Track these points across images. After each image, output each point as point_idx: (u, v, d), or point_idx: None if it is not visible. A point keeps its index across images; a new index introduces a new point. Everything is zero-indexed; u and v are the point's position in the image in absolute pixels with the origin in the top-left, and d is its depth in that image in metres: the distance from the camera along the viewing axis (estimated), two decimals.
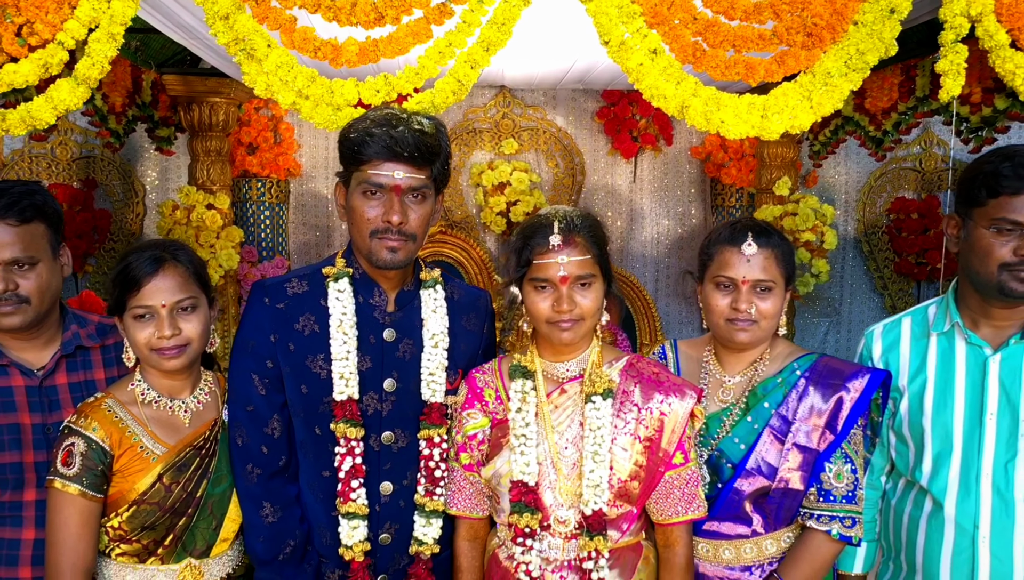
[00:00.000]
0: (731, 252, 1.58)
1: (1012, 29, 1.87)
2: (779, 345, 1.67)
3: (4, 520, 1.54)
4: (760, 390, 1.60)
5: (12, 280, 1.51)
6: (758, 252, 1.56)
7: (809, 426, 1.54)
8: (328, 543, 1.53)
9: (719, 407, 1.63)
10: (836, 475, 1.54)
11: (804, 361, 1.62)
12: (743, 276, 1.56)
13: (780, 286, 1.59)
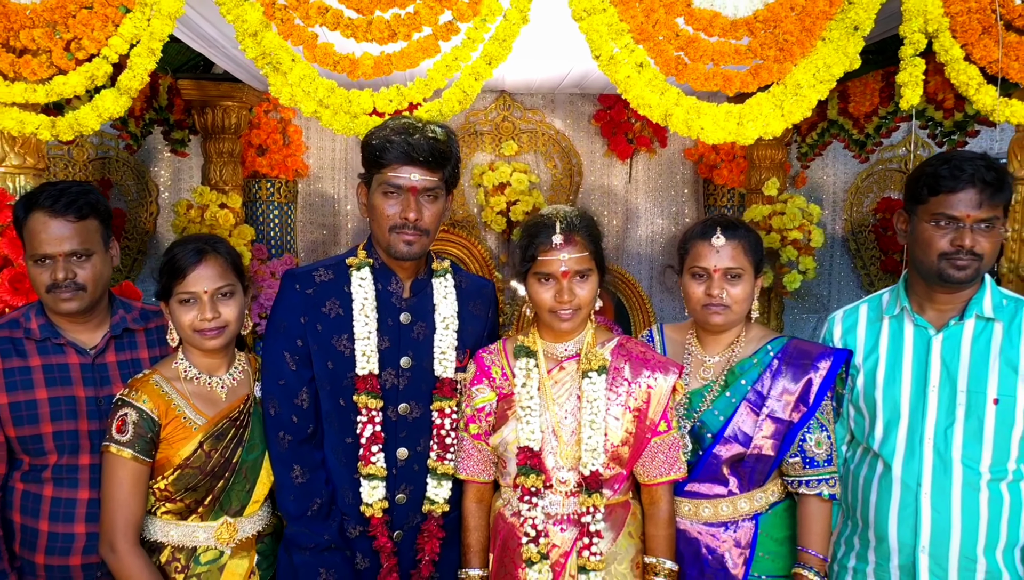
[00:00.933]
0: (703, 245, 1.80)
1: (965, 44, 2.09)
2: (753, 329, 1.89)
3: (62, 482, 1.75)
4: (738, 369, 1.82)
5: (71, 270, 1.73)
6: (726, 244, 1.78)
7: (783, 401, 1.76)
8: (351, 502, 1.74)
9: (700, 384, 1.85)
10: (816, 443, 1.76)
11: (776, 343, 1.84)
12: (714, 265, 1.78)
13: (749, 273, 1.81)
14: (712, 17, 2.03)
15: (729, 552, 1.78)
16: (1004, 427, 1.65)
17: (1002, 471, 1.66)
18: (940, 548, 1.68)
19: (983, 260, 1.67)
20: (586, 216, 1.76)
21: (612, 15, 2.00)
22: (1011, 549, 1.68)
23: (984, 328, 1.71)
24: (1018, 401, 1.64)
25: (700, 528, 1.80)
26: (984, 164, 1.65)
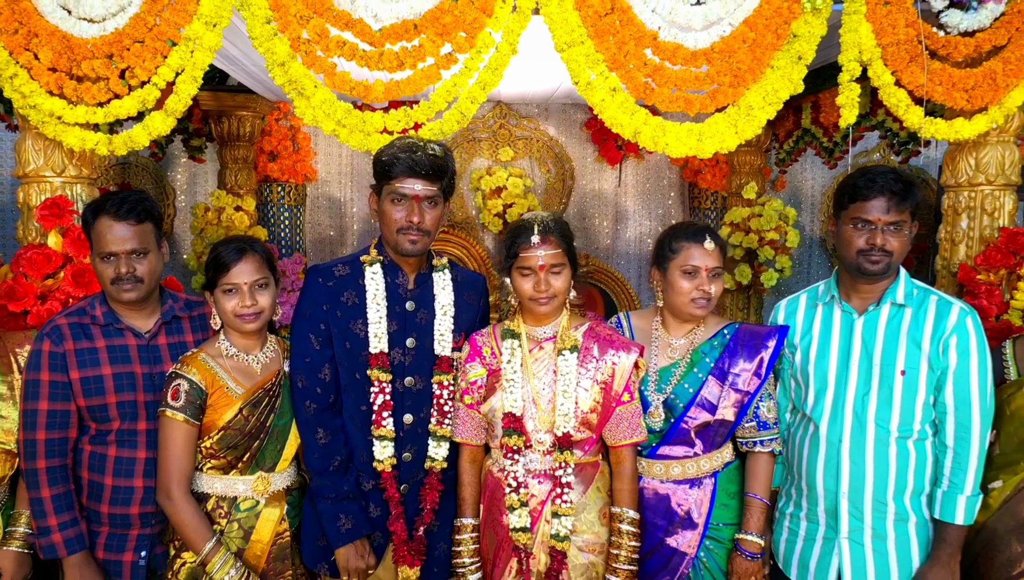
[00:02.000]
0: (696, 247, 2.13)
1: (895, 71, 2.46)
2: (714, 319, 2.26)
3: (123, 443, 2.12)
4: (702, 349, 2.17)
5: (131, 265, 2.10)
6: (716, 248, 2.14)
7: (742, 375, 2.12)
8: (365, 460, 2.11)
9: (668, 362, 2.20)
10: (767, 410, 2.14)
11: (730, 328, 2.21)
12: (705, 265, 2.13)
13: (723, 273, 2.17)
14: (675, 48, 2.40)
15: (694, 504, 2.14)
16: (909, 394, 2.02)
17: (908, 431, 2.02)
18: (857, 494, 2.05)
19: (893, 256, 2.03)
20: (560, 220, 2.12)
21: (589, 47, 2.38)
22: (917, 495, 2.04)
23: (897, 313, 2.07)
24: (920, 373, 2.01)
25: (671, 486, 2.16)
26: (893, 177, 2.02)
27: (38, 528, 2.06)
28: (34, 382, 2.07)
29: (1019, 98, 2.49)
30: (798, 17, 2.40)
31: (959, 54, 2.48)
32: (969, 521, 1.98)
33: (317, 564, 2.15)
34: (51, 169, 2.51)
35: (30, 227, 2.52)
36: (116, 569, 2.13)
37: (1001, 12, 2.46)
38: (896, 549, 2.05)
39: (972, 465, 1.97)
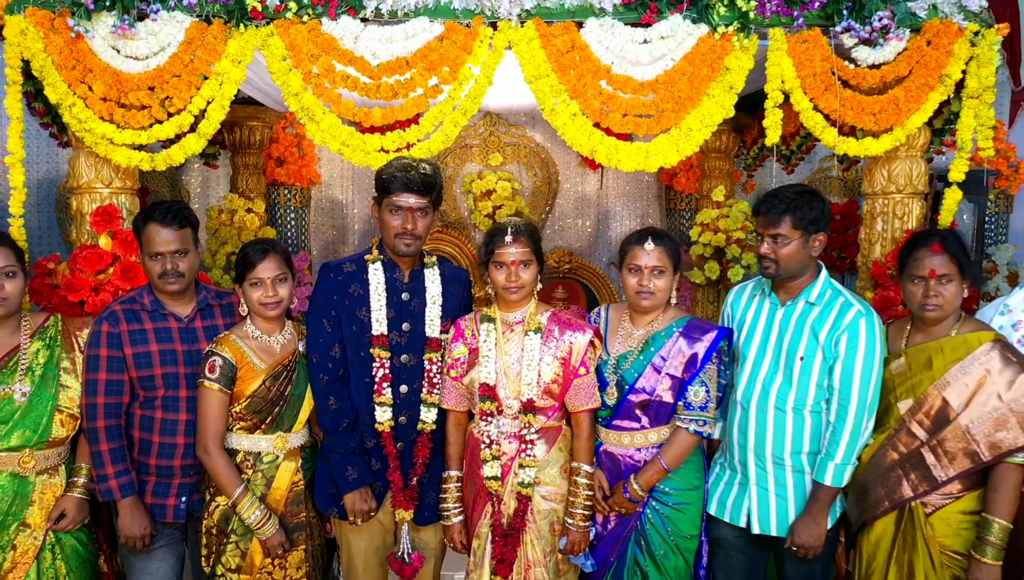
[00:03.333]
0: (638, 248, 2.63)
1: (813, 98, 2.99)
2: (670, 311, 2.72)
3: (168, 407, 2.64)
4: (651, 340, 2.66)
5: (175, 263, 2.62)
6: (655, 249, 2.63)
7: (677, 362, 2.61)
8: (368, 423, 2.64)
9: (627, 349, 2.69)
10: (694, 394, 2.58)
11: (681, 322, 2.68)
12: (645, 264, 2.63)
13: (669, 270, 2.64)
14: (626, 80, 2.92)
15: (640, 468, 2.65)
16: (805, 376, 2.52)
17: (803, 404, 2.52)
18: (760, 450, 2.57)
19: (780, 263, 2.52)
20: (530, 224, 2.64)
21: (553, 79, 2.90)
22: (812, 455, 2.55)
23: (808, 309, 2.56)
24: (815, 360, 2.50)
25: (622, 451, 2.66)
26: (777, 196, 2.51)
27: (98, 476, 2.59)
28: (95, 357, 2.60)
29: (919, 120, 3.01)
30: (730, 53, 2.92)
31: (867, 84, 3.00)
32: (837, 484, 2.48)
33: (328, 508, 2.69)
34: (101, 182, 3.04)
35: (83, 230, 3.05)
36: (161, 512, 2.66)
37: (903, 48, 2.98)
38: (794, 495, 2.57)
39: (844, 439, 2.46)
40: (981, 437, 2.35)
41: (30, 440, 2.51)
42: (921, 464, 2.42)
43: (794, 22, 2.94)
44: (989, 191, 5.52)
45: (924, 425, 2.43)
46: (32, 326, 2.62)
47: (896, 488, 2.45)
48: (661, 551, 2.62)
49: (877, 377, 2.48)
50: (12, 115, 2.91)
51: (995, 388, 2.35)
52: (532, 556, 2.56)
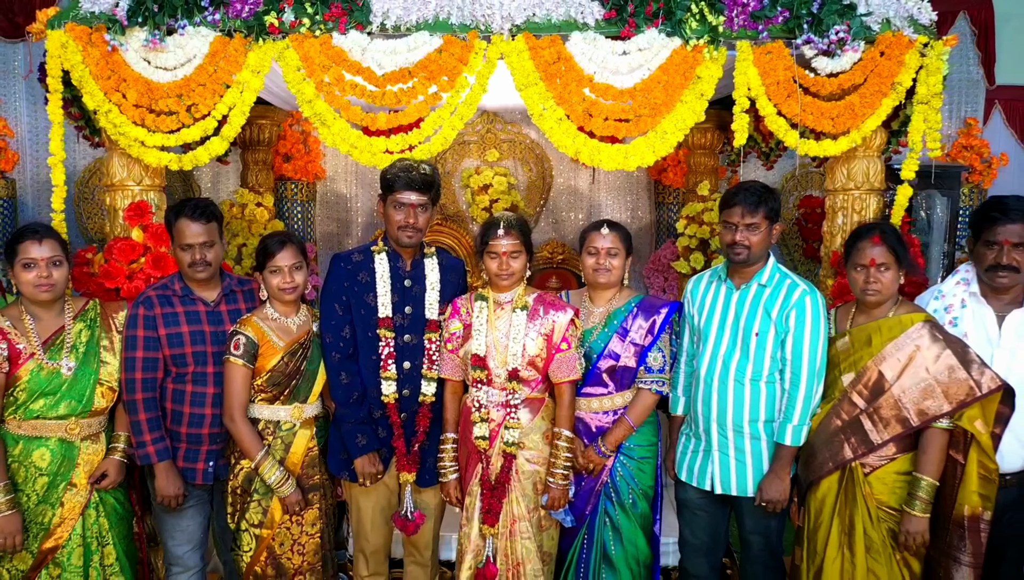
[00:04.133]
0: (595, 234, 3.05)
1: (776, 104, 3.35)
2: (625, 291, 3.14)
3: (197, 382, 3.03)
4: (612, 316, 3.07)
5: (203, 253, 3.00)
6: (609, 234, 3.04)
7: (639, 332, 3.02)
8: (375, 395, 3.02)
9: (591, 325, 3.10)
10: (653, 359, 3.02)
11: (636, 299, 3.10)
12: (601, 246, 3.03)
13: (622, 254, 3.06)
14: (607, 88, 3.29)
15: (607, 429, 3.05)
16: (760, 350, 2.91)
17: (759, 376, 2.91)
18: (722, 420, 2.95)
19: (752, 249, 2.92)
20: (520, 219, 3.02)
21: (541, 88, 3.28)
22: (768, 423, 2.93)
23: (760, 291, 2.96)
24: (769, 335, 2.89)
25: (591, 415, 3.07)
26: (748, 191, 2.91)
27: (136, 443, 2.98)
28: (133, 337, 2.98)
29: (873, 124, 3.38)
30: (701, 64, 3.29)
31: (826, 91, 3.36)
32: (795, 443, 2.88)
33: (340, 472, 3.07)
34: (132, 180, 3.42)
35: (116, 224, 3.43)
36: (191, 475, 3.05)
37: (859, 58, 3.34)
38: (752, 460, 2.96)
39: (799, 402, 2.86)
40: (911, 405, 2.74)
41: (75, 409, 2.90)
42: (860, 430, 2.81)
43: (759, 35, 3.31)
44: (962, 186, 5.88)
45: (863, 395, 2.81)
46: (74, 309, 3.00)
47: (839, 451, 2.84)
48: (630, 500, 3.04)
49: (823, 346, 2.88)
50: (54, 120, 3.30)
51: (924, 362, 2.73)
52: (517, 511, 2.96)
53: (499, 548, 2.97)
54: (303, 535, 3.02)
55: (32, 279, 2.80)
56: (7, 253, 2.84)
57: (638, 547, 3.12)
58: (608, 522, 3.09)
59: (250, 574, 3.01)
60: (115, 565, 2.99)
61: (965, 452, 2.74)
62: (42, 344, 2.85)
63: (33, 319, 2.88)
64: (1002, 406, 2.73)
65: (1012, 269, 2.77)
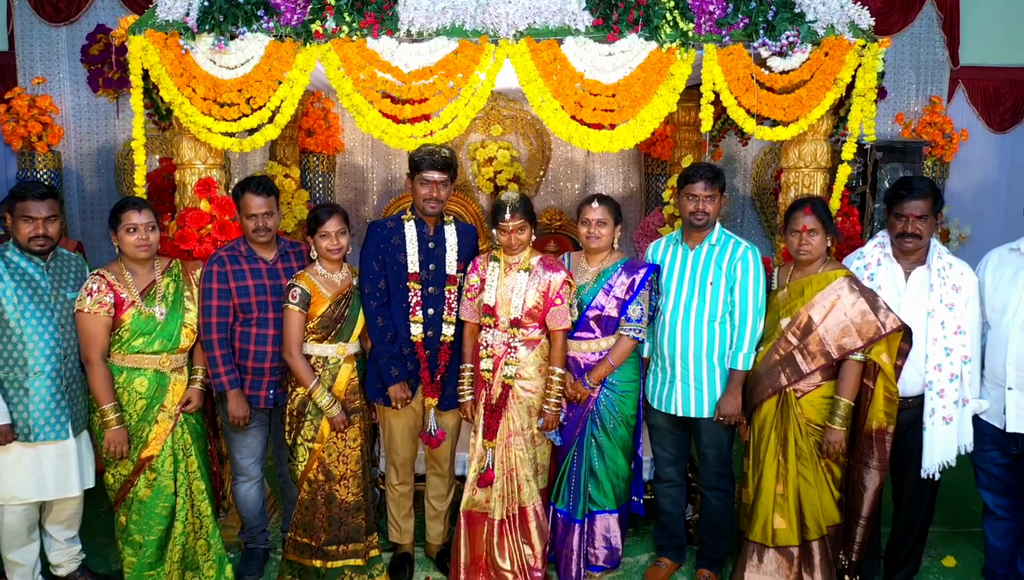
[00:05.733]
0: (587, 207, 3.88)
1: (737, 97, 4.15)
2: (614, 254, 3.97)
3: (260, 325, 3.87)
4: (601, 274, 3.91)
5: (264, 222, 3.84)
6: (599, 207, 3.86)
7: (621, 288, 3.86)
8: (405, 336, 3.87)
9: (584, 281, 3.93)
10: (632, 310, 3.86)
11: (622, 261, 3.93)
12: (592, 217, 3.86)
13: (611, 223, 3.88)
14: (595, 83, 4.09)
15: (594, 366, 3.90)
16: (714, 296, 3.75)
17: (713, 317, 3.76)
18: (684, 354, 3.80)
19: (709, 215, 3.75)
20: (524, 198, 3.84)
21: (540, 83, 4.08)
22: (721, 356, 3.79)
23: (711, 250, 3.79)
24: (720, 284, 3.73)
25: (581, 355, 3.92)
26: (706, 169, 3.73)
27: (212, 374, 3.83)
28: (208, 290, 3.82)
29: (818, 113, 4.18)
30: (673, 63, 4.09)
31: (779, 85, 4.16)
32: (745, 367, 3.74)
33: (376, 398, 3.93)
34: (199, 160, 4.23)
35: (186, 197, 4.25)
36: (255, 400, 3.91)
37: (807, 58, 4.13)
38: (707, 388, 3.82)
39: (747, 335, 3.72)
40: (832, 342, 3.59)
41: (166, 346, 3.74)
42: (793, 362, 3.66)
43: (723, 39, 4.09)
44: (924, 159, 6.69)
45: (796, 335, 3.66)
46: (162, 267, 3.84)
47: (777, 379, 3.69)
48: (611, 425, 3.90)
49: (763, 290, 3.74)
50: (136, 111, 4.10)
51: (843, 308, 3.58)
52: (513, 428, 3.83)
53: (497, 457, 3.85)
54: (347, 448, 3.89)
55: (134, 241, 3.63)
56: (111, 220, 3.67)
57: (618, 464, 4.00)
58: (594, 443, 3.96)
59: (304, 480, 3.89)
60: (197, 471, 3.86)
61: (874, 379, 3.60)
62: (139, 294, 3.69)
63: (131, 274, 3.71)
64: (903, 343, 3.58)
65: (915, 236, 3.60)
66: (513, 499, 3.91)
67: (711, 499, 4.02)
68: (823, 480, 3.70)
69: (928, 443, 3.60)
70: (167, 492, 3.77)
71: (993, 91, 7.00)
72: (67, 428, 3.62)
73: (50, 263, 3.65)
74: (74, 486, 3.70)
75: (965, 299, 3.57)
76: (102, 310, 3.58)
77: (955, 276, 3.59)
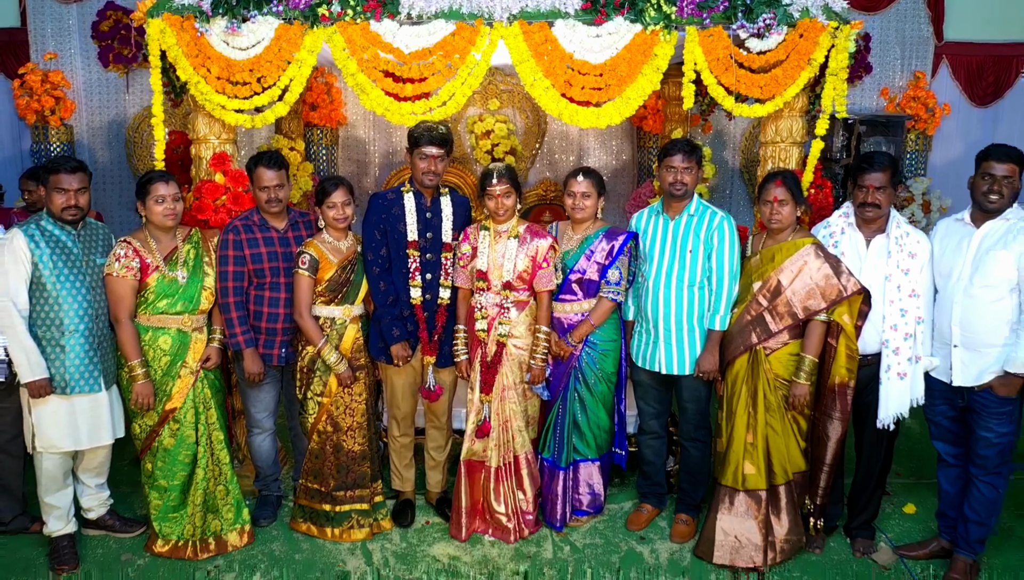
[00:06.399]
0: (573, 180, 4.27)
1: (717, 76, 4.51)
2: (597, 222, 4.36)
3: (273, 289, 4.27)
4: (585, 241, 4.30)
5: (276, 193, 4.22)
6: (583, 180, 4.25)
7: (601, 254, 4.24)
8: (405, 299, 4.27)
9: (569, 247, 4.32)
10: (612, 274, 4.25)
11: (604, 229, 4.32)
12: (577, 190, 4.24)
13: (594, 195, 4.27)
14: (584, 63, 4.45)
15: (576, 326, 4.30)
16: (693, 263, 4.14)
17: (693, 282, 4.15)
18: (667, 316, 4.20)
19: (688, 186, 4.13)
20: (509, 168, 4.23)
21: (532, 63, 4.44)
22: (700, 317, 4.19)
23: (690, 220, 4.18)
24: (699, 251, 4.11)
25: (565, 315, 4.32)
26: (684, 143, 4.11)
27: (229, 334, 4.24)
28: (224, 256, 4.22)
29: (793, 91, 4.53)
30: (657, 44, 4.44)
31: (756, 65, 4.52)
32: (722, 327, 4.14)
33: (379, 357, 4.35)
34: (213, 135, 4.61)
35: (201, 169, 4.63)
36: (268, 358, 4.32)
37: (783, 39, 4.48)
38: (688, 346, 4.23)
39: (723, 298, 4.12)
40: (798, 303, 3.98)
41: (188, 307, 4.14)
42: (763, 322, 4.06)
43: (703, 21, 4.44)
44: (907, 132, 7.05)
45: (766, 297, 4.06)
46: (183, 234, 4.23)
47: (748, 338, 4.09)
48: (592, 381, 4.32)
49: (737, 256, 4.14)
50: (155, 89, 4.46)
51: (809, 272, 3.97)
52: (507, 383, 4.26)
53: (493, 410, 4.27)
54: (353, 402, 4.31)
55: (162, 210, 4.02)
56: (139, 191, 4.05)
57: (599, 417, 4.42)
58: (576, 397, 4.37)
59: (314, 431, 4.31)
60: (216, 423, 4.28)
61: (837, 338, 4.00)
62: (163, 259, 4.09)
63: (156, 241, 4.11)
64: (863, 305, 3.97)
65: (875, 206, 3.98)
66: (508, 448, 4.33)
67: (690, 449, 4.44)
68: (790, 431, 4.11)
69: (884, 396, 4.00)
70: (189, 441, 4.19)
71: (976, 66, 7.34)
72: (99, 382, 4.03)
73: (81, 231, 4.04)
74: (106, 435, 4.12)
75: (920, 265, 3.95)
76: (129, 274, 3.98)
77: (911, 244, 3.97)
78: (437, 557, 4.27)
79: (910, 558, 4.25)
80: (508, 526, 4.38)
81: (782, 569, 4.15)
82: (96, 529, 4.40)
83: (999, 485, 3.94)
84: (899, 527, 4.58)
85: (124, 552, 4.29)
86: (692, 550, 4.32)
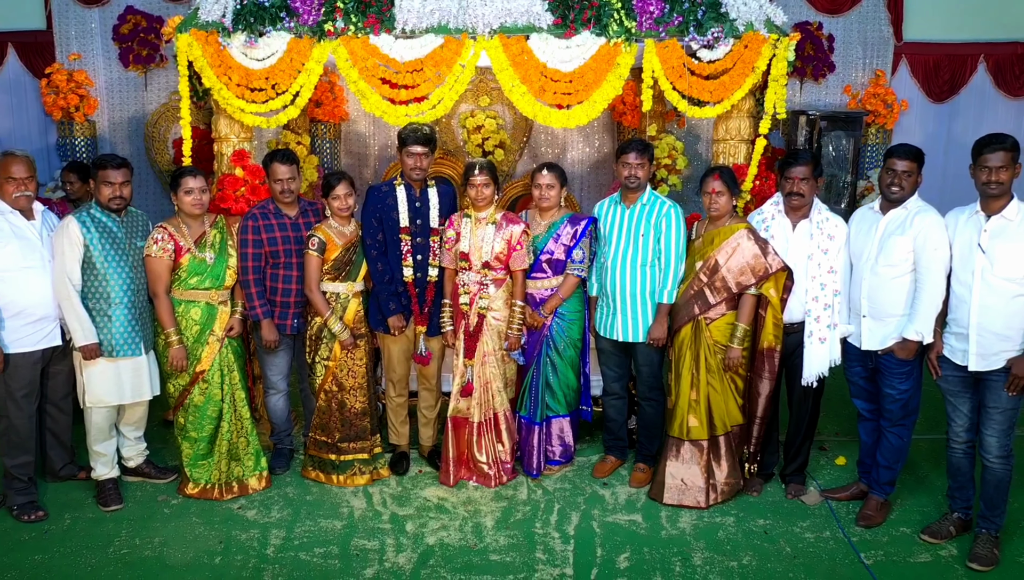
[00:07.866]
0: (539, 174, 5.15)
1: (672, 82, 5.37)
2: (562, 210, 5.23)
3: (287, 268, 5.15)
4: (552, 226, 5.16)
5: (289, 185, 5.11)
6: (547, 174, 5.12)
7: (567, 237, 5.11)
8: (399, 277, 5.16)
9: (538, 233, 5.19)
10: (576, 254, 5.12)
11: (568, 216, 5.19)
12: (542, 182, 5.12)
13: (557, 186, 5.13)
14: (555, 72, 5.32)
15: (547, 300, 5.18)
16: (645, 245, 5.00)
17: (645, 263, 5.01)
18: (623, 291, 5.07)
19: (640, 179, 4.99)
20: (489, 162, 5.10)
21: (511, 71, 5.31)
22: (652, 293, 5.05)
23: (643, 208, 5.04)
24: (650, 235, 4.97)
25: (536, 291, 5.20)
26: (637, 142, 4.97)
27: (249, 308, 5.13)
28: (244, 240, 5.10)
29: (739, 96, 5.39)
30: (619, 55, 5.30)
31: (706, 72, 5.38)
32: (669, 301, 5.00)
33: (377, 327, 5.24)
34: (234, 134, 5.50)
35: (223, 164, 5.51)
36: (283, 328, 5.22)
37: (730, 50, 5.34)
38: (642, 318, 5.10)
39: (671, 276, 4.98)
40: (732, 279, 4.85)
41: (215, 284, 5.03)
42: (703, 296, 4.93)
43: (660, 35, 5.30)
44: (868, 127, 7.89)
45: (706, 274, 4.93)
46: (209, 221, 5.11)
47: (691, 309, 4.97)
48: (561, 346, 5.22)
49: (683, 239, 5.00)
50: (183, 94, 5.35)
51: (741, 253, 4.83)
52: (487, 349, 5.15)
53: (475, 373, 5.16)
54: (355, 365, 5.20)
55: (190, 200, 4.91)
56: (172, 184, 4.94)
57: (568, 378, 5.31)
58: (548, 361, 5.26)
59: (321, 390, 5.21)
60: (238, 383, 5.18)
61: (766, 309, 4.87)
62: (194, 243, 4.97)
63: (187, 227, 4.99)
64: (788, 281, 4.85)
65: (799, 195, 4.83)
66: (488, 406, 5.22)
67: (645, 407, 5.33)
68: (728, 389, 4.98)
69: (807, 359, 4.88)
70: (216, 399, 5.09)
71: (933, 64, 8.15)
72: (140, 347, 4.93)
73: (124, 219, 4.92)
74: (146, 391, 5.02)
75: (838, 246, 4.82)
76: (165, 255, 4.87)
77: (831, 228, 4.84)
78: (428, 498, 5.17)
79: (834, 499, 5.13)
80: (489, 473, 5.27)
81: (723, 508, 5.04)
82: (135, 476, 5.31)
83: (904, 435, 4.80)
84: (830, 476, 5.47)
85: (160, 494, 5.20)
86: (647, 493, 5.20)
